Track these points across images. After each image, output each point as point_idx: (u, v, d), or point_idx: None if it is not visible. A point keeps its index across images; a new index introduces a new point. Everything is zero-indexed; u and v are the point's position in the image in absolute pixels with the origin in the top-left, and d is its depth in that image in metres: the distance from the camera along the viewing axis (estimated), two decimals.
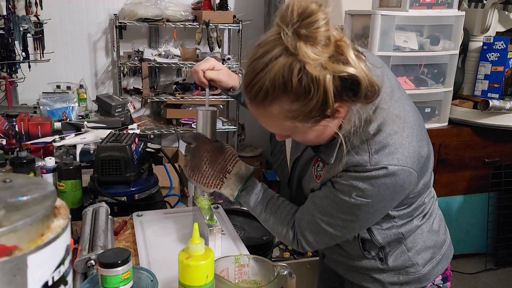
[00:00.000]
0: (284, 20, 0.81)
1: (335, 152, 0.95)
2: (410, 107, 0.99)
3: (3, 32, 2.72)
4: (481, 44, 2.79)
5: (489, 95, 2.75)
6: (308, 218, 1.01)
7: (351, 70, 0.81)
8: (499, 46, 2.68)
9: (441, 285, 1.15)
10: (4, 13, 2.90)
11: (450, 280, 1.17)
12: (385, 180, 0.89)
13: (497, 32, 2.87)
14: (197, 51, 3.44)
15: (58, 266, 0.49)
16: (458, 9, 2.68)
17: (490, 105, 2.63)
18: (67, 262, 0.51)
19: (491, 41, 2.72)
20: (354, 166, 0.91)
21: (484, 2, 2.88)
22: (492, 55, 2.72)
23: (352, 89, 0.83)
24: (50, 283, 0.48)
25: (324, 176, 0.99)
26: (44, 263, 0.46)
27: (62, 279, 0.50)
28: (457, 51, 2.71)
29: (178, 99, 3.43)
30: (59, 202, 0.54)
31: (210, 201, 1.17)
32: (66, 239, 0.50)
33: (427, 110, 2.77)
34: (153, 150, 1.57)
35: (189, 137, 1.12)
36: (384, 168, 0.89)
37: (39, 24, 3.03)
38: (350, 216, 0.95)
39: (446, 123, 2.83)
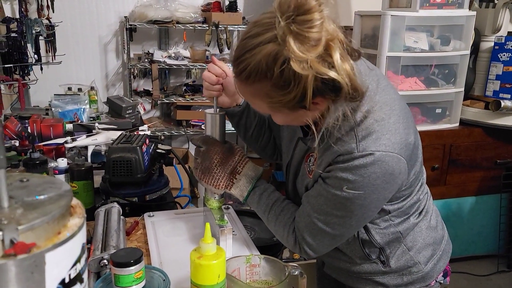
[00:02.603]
0: (280, 7, 0.80)
1: (318, 137, 0.94)
2: (396, 95, 0.98)
3: (16, 34, 2.76)
4: (492, 44, 2.77)
5: (500, 95, 2.72)
6: (305, 219, 1.00)
7: (332, 74, 0.81)
8: (511, 46, 2.66)
9: (442, 281, 1.15)
10: (17, 16, 2.94)
11: (449, 275, 1.18)
12: (374, 169, 0.88)
13: (508, 32, 2.84)
14: (207, 52, 3.46)
15: (75, 264, 0.50)
16: (469, 9, 2.66)
17: (502, 106, 2.60)
18: (83, 260, 0.52)
19: (503, 41, 2.69)
20: (342, 155, 0.91)
21: (495, 1, 2.85)
22: (504, 55, 2.69)
23: (333, 90, 0.83)
24: (67, 280, 0.48)
25: (316, 170, 0.99)
26: (61, 260, 0.47)
27: (78, 277, 0.51)
28: (468, 51, 2.69)
29: (187, 100, 3.45)
30: (74, 201, 0.55)
31: (221, 202, 1.17)
32: (82, 237, 0.51)
33: (438, 110, 2.75)
34: (164, 151, 1.58)
35: (199, 140, 1.13)
36: (371, 155, 0.88)
37: (50, 27, 3.06)
38: (345, 212, 0.94)
39: (457, 124, 2.81)
